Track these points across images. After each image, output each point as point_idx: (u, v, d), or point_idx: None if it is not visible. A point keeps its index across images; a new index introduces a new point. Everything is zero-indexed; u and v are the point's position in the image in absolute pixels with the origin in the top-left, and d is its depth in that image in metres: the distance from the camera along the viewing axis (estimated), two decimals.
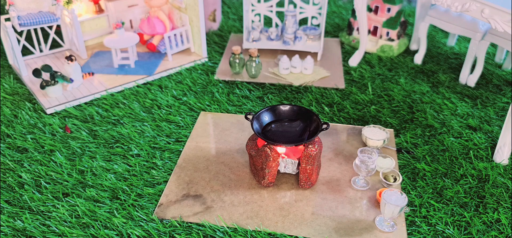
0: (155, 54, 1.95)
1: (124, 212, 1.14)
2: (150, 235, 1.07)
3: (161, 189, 1.22)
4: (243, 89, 1.71)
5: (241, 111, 1.59)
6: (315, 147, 1.17)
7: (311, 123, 1.23)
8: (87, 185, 1.24)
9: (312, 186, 1.22)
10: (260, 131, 1.22)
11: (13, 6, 1.76)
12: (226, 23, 2.30)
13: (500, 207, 1.15)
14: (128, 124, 1.50)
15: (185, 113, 1.57)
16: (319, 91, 1.70)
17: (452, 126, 1.48)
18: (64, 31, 1.96)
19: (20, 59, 1.73)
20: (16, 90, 1.71)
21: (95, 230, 1.09)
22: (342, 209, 1.15)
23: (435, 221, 1.11)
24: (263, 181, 1.21)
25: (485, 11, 1.26)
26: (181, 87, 1.72)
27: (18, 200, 1.18)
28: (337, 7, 2.53)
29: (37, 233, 1.08)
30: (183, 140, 1.43)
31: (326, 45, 2.07)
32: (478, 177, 1.26)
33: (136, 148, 1.38)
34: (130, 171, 1.29)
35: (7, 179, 1.26)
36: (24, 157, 1.34)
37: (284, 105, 1.27)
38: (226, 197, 1.19)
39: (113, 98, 1.64)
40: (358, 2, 1.76)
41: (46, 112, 1.56)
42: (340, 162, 1.33)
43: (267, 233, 1.08)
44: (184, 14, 1.90)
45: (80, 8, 1.94)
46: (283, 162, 1.21)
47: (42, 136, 1.44)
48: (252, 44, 1.95)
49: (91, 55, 1.95)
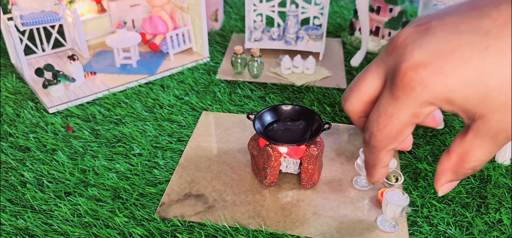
0: (157, 53, 1.95)
1: (126, 211, 1.14)
2: (152, 234, 1.07)
3: (163, 189, 1.22)
4: (245, 89, 1.71)
5: (243, 110, 1.59)
6: (317, 147, 1.17)
7: (313, 123, 1.23)
8: (89, 184, 1.24)
9: (313, 186, 1.22)
10: (262, 130, 1.22)
11: (16, 6, 1.76)
12: (228, 23, 2.30)
13: (502, 208, 1.15)
14: (130, 123, 1.50)
15: (187, 112, 1.57)
16: (321, 91, 1.70)
17: (454, 126, 1.48)
18: (66, 31, 1.96)
19: (22, 58, 1.73)
20: (18, 89, 1.71)
21: (97, 229, 1.09)
22: (344, 209, 1.15)
23: (436, 221, 1.11)
24: (265, 181, 1.21)
25: None
26: (183, 87, 1.72)
27: (20, 199, 1.19)
28: (339, 7, 2.53)
29: (39, 232, 1.08)
30: (185, 139, 1.43)
31: (328, 45, 2.07)
32: (480, 177, 1.26)
33: (138, 148, 1.38)
34: (132, 170, 1.29)
35: (9, 178, 1.26)
36: (26, 156, 1.34)
37: (286, 105, 1.27)
38: (227, 196, 1.19)
39: (115, 98, 1.65)
40: (360, 2, 1.76)
41: (48, 111, 1.57)
42: (341, 162, 1.33)
43: (269, 232, 1.08)
44: (186, 14, 1.90)
45: (83, 8, 1.95)
46: (285, 162, 1.21)
47: (44, 135, 1.44)
48: (254, 44, 1.95)
49: (93, 55, 1.95)
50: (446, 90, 0.31)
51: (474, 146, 0.34)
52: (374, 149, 0.38)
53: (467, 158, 0.35)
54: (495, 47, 0.29)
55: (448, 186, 0.40)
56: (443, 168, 0.39)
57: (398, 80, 0.33)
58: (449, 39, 0.31)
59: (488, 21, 0.30)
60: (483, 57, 0.30)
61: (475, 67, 0.30)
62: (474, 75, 0.30)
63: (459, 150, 0.35)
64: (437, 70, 0.31)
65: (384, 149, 0.37)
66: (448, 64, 0.31)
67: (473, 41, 0.30)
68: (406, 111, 0.33)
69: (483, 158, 0.35)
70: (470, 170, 0.36)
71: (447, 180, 0.39)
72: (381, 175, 0.44)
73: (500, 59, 0.29)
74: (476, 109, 0.31)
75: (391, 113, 0.34)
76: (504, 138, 0.32)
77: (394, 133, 0.35)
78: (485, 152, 0.34)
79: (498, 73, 0.29)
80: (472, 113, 0.32)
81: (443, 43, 0.32)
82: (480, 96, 0.31)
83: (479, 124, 0.32)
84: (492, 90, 0.30)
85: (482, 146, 0.33)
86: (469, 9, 0.32)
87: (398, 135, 0.35)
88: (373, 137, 0.37)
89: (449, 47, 0.31)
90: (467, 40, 0.31)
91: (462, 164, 0.36)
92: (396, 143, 0.37)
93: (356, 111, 0.40)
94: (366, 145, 0.39)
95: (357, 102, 0.39)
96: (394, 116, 0.34)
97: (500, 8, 0.30)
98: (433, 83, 0.31)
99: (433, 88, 0.31)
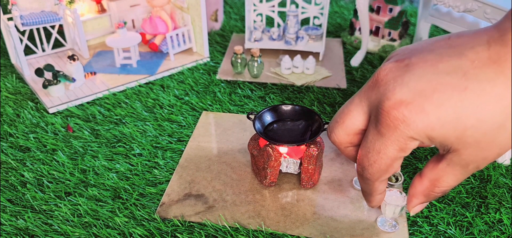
0: (157, 53, 1.95)
1: (126, 211, 1.14)
2: (152, 234, 1.07)
3: (163, 189, 1.22)
4: (245, 89, 1.71)
5: (243, 110, 1.59)
6: (317, 147, 1.17)
7: (313, 123, 1.23)
8: (89, 184, 1.24)
9: (313, 186, 1.22)
10: (262, 130, 1.22)
11: (16, 6, 1.76)
12: (228, 23, 2.30)
13: (502, 208, 1.15)
14: (130, 123, 1.50)
15: (187, 112, 1.57)
16: (321, 91, 1.70)
17: None
18: (66, 31, 1.96)
19: (22, 58, 1.73)
20: (18, 89, 1.71)
21: (97, 229, 1.09)
22: (344, 209, 1.15)
23: (437, 221, 1.11)
24: (265, 181, 1.21)
25: (487, 12, 1.26)
26: (183, 87, 1.72)
27: (20, 199, 1.19)
28: (339, 7, 2.53)
29: (39, 232, 1.08)
30: (185, 139, 1.43)
31: (328, 45, 2.07)
32: (480, 177, 1.26)
33: (138, 148, 1.38)
34: (132, 170, 1.29)
35: (9, 178, 1.26)
36: (27, 156, 1.34)
37: (286, 105, 1.27)
38: (228, 196, 1.19)
39: (115, 98, 1.65)
40: (360, 2, 1.76)
41: (49, 112, 1.57)
42: (341, 162, 1.33)
43: (269, 232, 1.08)
44: (186, 14, 1.90)
45: (83, 8, 1.95)
46: (285, 162, 1.21)
47: (45, 135, 1.44)
48: (254, 44, 1.95)
49: (93, 55, 1.95)
50: (427, 128, 0.33)
51: (446, 173, 0.37)
52: (368, 181, 0.41)
53: (438, 184, 0.38)
54: (472, 88, 0.31)
55: (419, 207, 0.44)
56: (415, 191, 0.42)
57: (381, 118, 0.35)
58: (429, 79, 0.33)
59: (466, 62, 0.32)
60: (461, 98, 0.32)
61: (454, 107, 0.32)
62: (453, 115, 0.32)
63: (431, 176, 0.39)
64: (419, 109, 0.33)
65: (377, 180, 0.40)
66: (428, 104, 0.33)
67: (452, 82, 0.32)
68: (392, 147, 0.36)
69: (452, 184, 0.39)
70: (440, 194, 0.40)
71: (418, 202, 0.43)
72: (378, 201, 0.47)
73: (477, 99, 0.31)
74: (452, 144, 0.34)
75: (378, 149, 0.37)
76: (473, 168, 0.35)
77: (384, 167, 0.38)
78: (455, 179, 0.37)
79: (475, 114, 0.31)
80: (448, 147, 0.35)
81: (424, 82, 0.33)
82: (458, 134, 0.33)
83: (452, 155, 0.35)
84: (468, 129, 0.32)
85: (453, 174, 0.37)
86: (447, 47, 0.34)
87: (388, 168, 0.38)
88: (365, 171, 0.39)
89: (429, 87, 0.33)
90: (446, 80, 0.32)
91: (433, 188, 0.39)
92: (388, 174, 0.39)
93: (342, 142, 0.43)
94: (360, 177, 0.42)
95: (342, 134, 0.41)
96: (382, 152, 0.37)
97: (477, 49, 0.32)
98: (414, 121, 0.34)
99: (415, 125, 0.34)
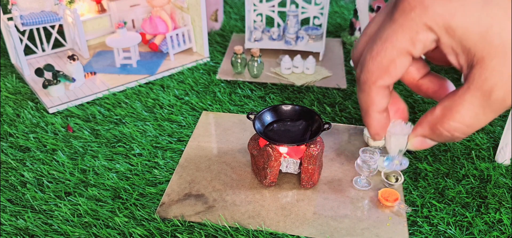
0: (157, 53, 1.95)
1: (126, 211, 1.14)
2: (152, 234, 1.07)
3: (163, 189, 1.22)
4: (245, 89, 1.71)
5: (243, 110, 1.59)
6: (317, 147, 1.17)
7: (313, 123, 1.23)
8: (89, 184, 1.24)
9: (313, 186, 1.22)
10: (262, 130, 1.22)
11: (16, 6, 1.76)
12: (228, 23, 2.30)
13: (502, 208, 1.15)
14: (130, 123, 1.50)
15: (187, 112, 1.57)
16: (321, 91, 1.70)
17: None
18: (66, 31, 1.96)
19: (22, 58, 1.73)
20: (18, 89, 1.71)
21: (97, 229, 1.09)
22: (344, 209, 1.15)
23: (436, 221, 1.11)
24: (264, 181, 1.21)
25: None
26: (183, 87, 1.72)
27: (20, 199, 1.19)
28: (339, 7, 2.53)
29: (39, 232, 1.08)
30: (185, 139, 1.43)
31: (328, 45, 2.07)
32: (480, 177, 1.26)
33: (138, 148, 1.38)
34: (132, 170, 1.29)
35: (9, 178, 1.26)
36: (27, 156, 1.34)
37: (286, 105, 1.27)
38: (228, 196, 1.19)
39: (115, 98, 1.65)
40: (360, 2, 1.76)
41: (49, 111, 1.57)
42: (341, 162, 1.33)
43: (269, 232, 1.08)
44: (186, 14, 1.90)
45: (83, 8, 1.95)
46: (285, 162, 1.21)
47: (45, 135, 1.44)
48: (254, 44, 1.95)
49: (93, 55, 1.96)
50: (447, 14, 0.29)
51: (463, 102, 0.31)
52: (365, 85, 0.35)
53: (451, 115, 0.33)
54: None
55: (420, 141, 0.38)
56: (425, 118, 0.36)
57: (399, 2, 0.31)
58: None
59: None
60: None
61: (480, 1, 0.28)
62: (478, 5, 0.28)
63: (447, 103, 0.33)
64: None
65: (375, 83, 0.34)
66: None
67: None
68: (402, 34, 0.31)
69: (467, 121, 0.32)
70: (448, 133, 0.34)
71: (422, 132, 0.37)
72: (377, 122, 0.40)
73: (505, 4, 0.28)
74: (476, 48, 0.29)
75: (386, 36, 0.32)
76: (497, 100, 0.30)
77: (386, 61, 0.32)
78: (471, 114, 0.31)
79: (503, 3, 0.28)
80: (472, 55, 0.30)
81: None
82: (482, 30, 0.28)
83: (475, 72, 0.30)
84: (494, 26, 0.28)
85: (471, 103, 0.31)
86: None
87: (391, 64, 0.32)
88: (364, 68, 0.34)
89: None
90: None
91: (443, 119, 0.34)
92: (388, 77, 0.34)
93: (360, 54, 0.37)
94: (358, 84, 0.36)
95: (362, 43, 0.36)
96: (388, 40, 0.31)
97: None
98: (434, 5, 0.29)
99: (433, 9, 0.29)
